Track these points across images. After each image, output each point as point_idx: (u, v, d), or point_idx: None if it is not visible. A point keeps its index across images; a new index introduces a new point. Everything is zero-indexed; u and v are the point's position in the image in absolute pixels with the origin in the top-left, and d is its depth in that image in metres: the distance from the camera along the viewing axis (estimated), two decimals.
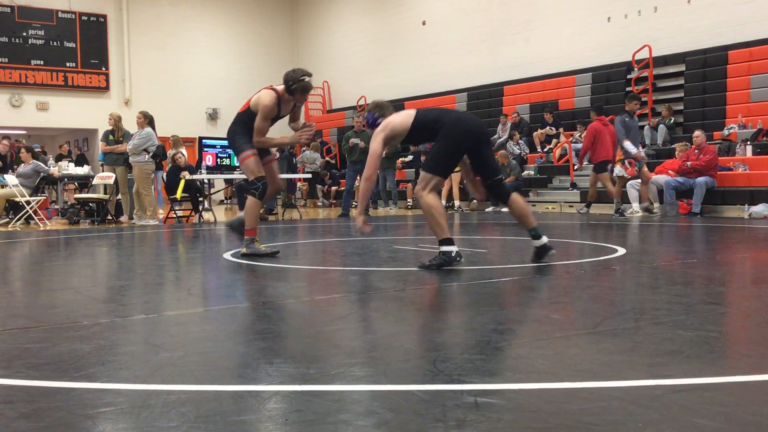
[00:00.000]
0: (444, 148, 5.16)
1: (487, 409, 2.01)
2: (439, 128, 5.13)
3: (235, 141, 6.11)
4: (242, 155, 6.02)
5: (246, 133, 6.03)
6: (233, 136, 6.11)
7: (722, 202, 11.66)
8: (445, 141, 5.13)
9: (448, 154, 5.20)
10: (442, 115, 5.23)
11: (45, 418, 1.99)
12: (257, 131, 5.97)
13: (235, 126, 6.13)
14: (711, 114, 13.95)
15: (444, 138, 5.13)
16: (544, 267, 5.17)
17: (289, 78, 5.89)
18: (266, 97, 5.93)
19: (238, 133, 6.07)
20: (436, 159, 5.21)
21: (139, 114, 11.79)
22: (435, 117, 5.21)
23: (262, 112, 5.92)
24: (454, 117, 5.25)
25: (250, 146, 6.01)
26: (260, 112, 5.92)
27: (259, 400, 2.14)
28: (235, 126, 6.13)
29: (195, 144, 14.82)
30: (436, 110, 5.51)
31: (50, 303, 4.12)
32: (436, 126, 5.14)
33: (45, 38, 21.41)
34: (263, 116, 5.93)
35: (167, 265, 6.17)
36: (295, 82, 5.86)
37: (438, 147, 5.17)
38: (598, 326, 3.13)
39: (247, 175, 6.06)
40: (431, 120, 5.18)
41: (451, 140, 5.13)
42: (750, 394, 2.17)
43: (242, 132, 6.05)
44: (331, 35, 24.74)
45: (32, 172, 12.43)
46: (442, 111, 5.44)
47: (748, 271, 5.44)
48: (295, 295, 4.23)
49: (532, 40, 17.98)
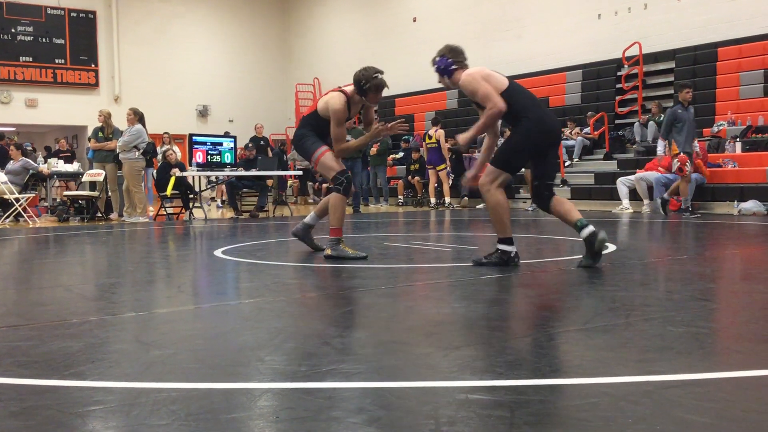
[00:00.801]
0: (519, 145, 4.93)
1: (478, 405, 2.02)
2: (522, 118, 4.86)
3: (303, 143, 5.77)
4: (316, 154, 5.68)
5: (313, 133, 5.74)
6: (301, 140, 5.79)
7: (712, 199, 11.70)
8: (523, 137, 4.90)
9: (523, 151, 4.97)
10: (531, 107, 4.93)
11: (35, 416, 1.98)
12: (335, 139, 5.63)
13: (301, 130, 5.84)
14: (701, 111, 13.98)
15: (523, 133, 4.89)
16: (534, 264, 5.17)
17: (361, 77, 5.52)
18: (336, 101, 5.57)
19: (306, 135, 5.76)
20: (509, 155, 4.96)
21: (129, 111, 11.73)
22: (525, 105, 4.91)
23: (334, 119, 5.57)
24: (540, 114, 4.95)
25: (321, 144, 5.68)
26: (332, 118, 5.58)
27: (250, 398, 2.13)
28: (301, 129, 5.83)
29: (185, 141, 14.78)
30: (528, 96, 5.07)
31: (40, 301, 4.09)
32: (521, 114, 4.86)
33: (34, 34, 21.28)
34: (336, 122, 5.57)
35: (157, 262, 6.15)
36: (368, 81, 5.49)
37: (514, 142, 4.94)
38: (588, 323, 3.14)
39: (326, 173, 5.70)
40: (522, 106, 4.88)
41: (531, 139, 4.89)
42: (740, 390, 2.18)
43: (309, 133, 5.75)
44: (322, 31, 24.70)
45: (21, 169, 12.36)
46: (532, 100, 5.06)
47: (738, 267, 5.47)
48: (286, 293, 4.22)
49: (523, 37, 18.00)
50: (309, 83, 24.41)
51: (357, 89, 5.58)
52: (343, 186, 5.58)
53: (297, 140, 5.84)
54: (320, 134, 5.77)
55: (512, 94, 4.87)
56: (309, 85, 24.48)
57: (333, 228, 5.59)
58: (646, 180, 11.96)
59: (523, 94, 5.00)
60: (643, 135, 14.15)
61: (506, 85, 4.89)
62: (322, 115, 5.71)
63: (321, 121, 5.72)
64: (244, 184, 12.71)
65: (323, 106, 5.67)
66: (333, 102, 5.58)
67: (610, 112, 15.36)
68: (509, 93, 4.86)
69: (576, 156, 15.10)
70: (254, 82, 25.18)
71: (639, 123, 14.34)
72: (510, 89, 4.89)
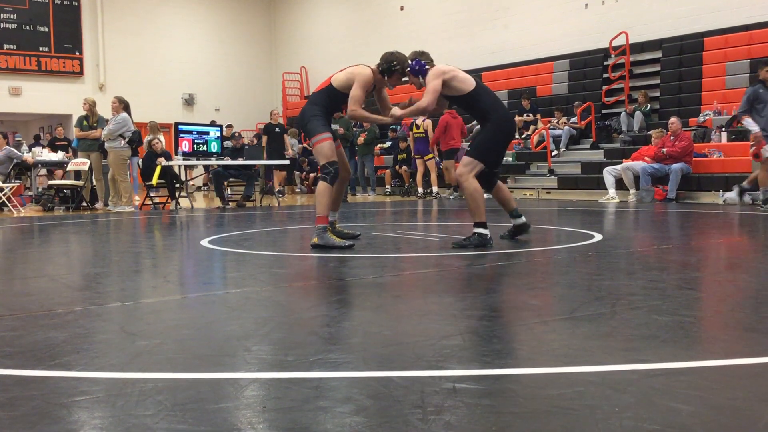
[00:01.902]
0: (493, 140, 5.61)
1: (465, 394, 2.02)
2: (490, 117, 5.52)
3: (310, 122, 5.66)
4: (316, 138, 5.61)
5: (323, 114, 5.69)
6: (309, 118, 5.67)
7: (697, 188, 11.77)
8: (495, 133, 5.58)
9: (497, 144, 5.64)
10: (497, 107, 5.62)
11: (20, 407, 1.97)
12: (353, 99, 5.60)
13: (311, 106, 5.74)
14: (687, 101, 14.06)
15: (494, 130, 5.57)
16: (521, 253, 5.19)
17: (393, 58, 5.63)
18: (364, 69, 5.68)
19: (315, 115, 5.68)
20: (485, 147, 5.61)
21: (114, 99, 11.64)
22: (492, 104, 5.57)
23: (359, 81, 5.60)
24: (505, 113, 5.73)
25: (326, 129, 5.64)
26: (357, 81, 5.60)
27: (236, 388, 2.13)
28: (311, 106, 5.73)
29: (171, 130, 14.70)
30: (493, 96, 5.75)
31: (24, 291, 4.07)
32: (490, 113, 5.52)
33: (17, 22, 21.05)
34: (360, 85, 5.61)
35: (143, 252, 6.12)
36: (400, 63, 5.63)
37: (488, 136, 5.60)
38: (574, 312, 3.15)
39: (319, 159, 5.66)
40: (489, 105, 5.54)
41: (502, 135, 5.66)
42: (725, 378, 2.20)
43: (319, 113, 5.68)
44: (309, 20, 24.58)
45: (5, 158, 12.25)
46: (496, 100, 5.71)
47: (722, 256, 5.51)
48: (273, 282, 4.22)
49: (510, 27, 17.99)
50: (296, 72, 24.32)
51: (385, 68, 5.67)
52: (330, 176, 5.57)
53: (304, 118, 5.74)
54: (331, 111, 5.83)
55: (480, 94, 5.54)
56: (296, 74, 24.40)
57: (319, 216, 5.57)
58: (633, 170, 12.01)
59: (489, 95, 5.67)
60: (630, 125, 14.20)
61: (473, 85, 5.51)
62: (339, 88, 5.68)
63: (336, 96, 5.71)
64: (230, 174, 12.65)
65: (345, 78, 5.68)
66: (361, 70, 5.70)
67: (596, 101, 15.40)
68: (477, 92, 5.52)
69: (563, 146, 15.13)
70: (241, 71, 25.07)
71: (625, 113, 14.39)
72: (478, 88, 5.53)
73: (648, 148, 12.31)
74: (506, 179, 14.99)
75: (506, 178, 14.99)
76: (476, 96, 5.51)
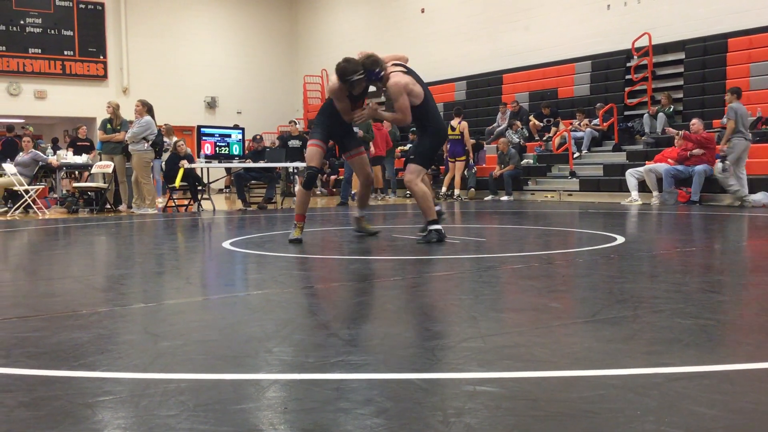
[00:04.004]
0: (433, 148, 6.27)
1: (485, 397, 2.02)
2: (429, 126, 6.09)
3: (311, 129, 6.45)
4: (308, 143, 6.33)
5: (321, 122, 6.30)
6: (311, 125, 6.42)
7: (721, 191, 11.64)
8: (433, 141, 6.19)
9: (435, 151, 6.38)
10: (437, 117, 6.31)
11: (44, 407, 1.99)
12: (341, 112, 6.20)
13: (318, 114, 6.46)
14: (710, 102, 13.92)
15: (433, 138, 6.18)
16: (542, 256, 5.16)
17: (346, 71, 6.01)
18: (332, 82, 6.14)
19: (315, 122, 6.41)
20: (428, 155, 6.26)
21: (137, 102, 11.74)
22: (433, 114, 6.15)
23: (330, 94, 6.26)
24: (441, 122, 6.47)
25: (317, 136, 6.24)
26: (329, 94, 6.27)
27: (258, 389, 2.14)
28: (318, 114, 6.45)
29: (193, 133, 14.79)
30: (434, 106, 6.28)
31: (49, 292, 4.12)
32: (431, 121, 6.09)
33: (42, 26, 21.32)
34: (334, 97, 6.17)
35: (166, 254, 6.17)
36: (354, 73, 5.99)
37: (429, 145, 6.18)
38: (596, 315, 3.13)
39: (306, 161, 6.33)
40: (431, 115, 6.11)
41: (439, 142, 6.45)
42: (748, 382, 2.17)
43: (318, 121, 6.35)
44: (330, 23, 24.65)
45: (31, 161, 12.39)
46: (436, 110, 6.31)
47: (747, 259, 5.45)
48: (294, 284, 4.23)
49: (531, 28, 17.91)
50: (317, 75, 24.38)
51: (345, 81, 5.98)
52: (305, 180, 6.22)
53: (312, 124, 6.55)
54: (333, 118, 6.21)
55: (427, 105, 6.03)
56: (317, 76, 24.44)
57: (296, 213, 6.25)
58: (656, 172, 11.90)
59: (432, 105, 6.18)
60: (653, 126, 14.08)
61: (422, 97, 5.96)
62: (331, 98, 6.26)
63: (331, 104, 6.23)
64: (252, 176, 12.72)
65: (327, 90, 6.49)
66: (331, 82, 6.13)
67: (619, 103, 15.28)
68: (425, 103, 5.99)
69: (585, 147, 15.03)
70: (262, 74, 25.19)
71: (648, 114, 14.27)
72: (426, 100, 5.99)
73: (671, 149, 12.19)
74: (527, 181, 14.94)
75: (527, 180, 14.94)
76: (423, 109, 5.99)
